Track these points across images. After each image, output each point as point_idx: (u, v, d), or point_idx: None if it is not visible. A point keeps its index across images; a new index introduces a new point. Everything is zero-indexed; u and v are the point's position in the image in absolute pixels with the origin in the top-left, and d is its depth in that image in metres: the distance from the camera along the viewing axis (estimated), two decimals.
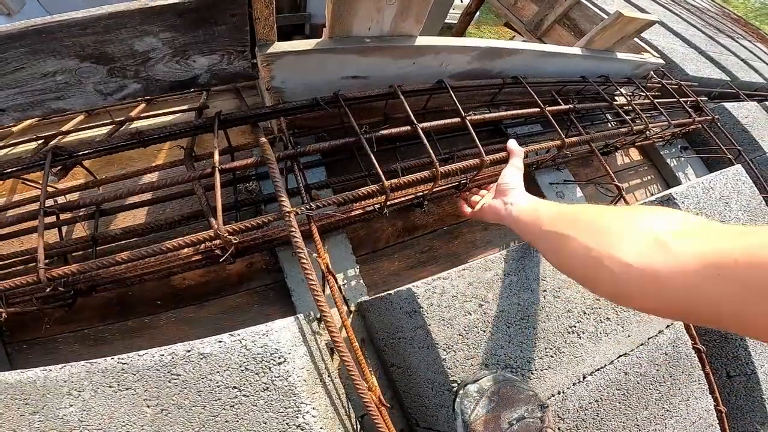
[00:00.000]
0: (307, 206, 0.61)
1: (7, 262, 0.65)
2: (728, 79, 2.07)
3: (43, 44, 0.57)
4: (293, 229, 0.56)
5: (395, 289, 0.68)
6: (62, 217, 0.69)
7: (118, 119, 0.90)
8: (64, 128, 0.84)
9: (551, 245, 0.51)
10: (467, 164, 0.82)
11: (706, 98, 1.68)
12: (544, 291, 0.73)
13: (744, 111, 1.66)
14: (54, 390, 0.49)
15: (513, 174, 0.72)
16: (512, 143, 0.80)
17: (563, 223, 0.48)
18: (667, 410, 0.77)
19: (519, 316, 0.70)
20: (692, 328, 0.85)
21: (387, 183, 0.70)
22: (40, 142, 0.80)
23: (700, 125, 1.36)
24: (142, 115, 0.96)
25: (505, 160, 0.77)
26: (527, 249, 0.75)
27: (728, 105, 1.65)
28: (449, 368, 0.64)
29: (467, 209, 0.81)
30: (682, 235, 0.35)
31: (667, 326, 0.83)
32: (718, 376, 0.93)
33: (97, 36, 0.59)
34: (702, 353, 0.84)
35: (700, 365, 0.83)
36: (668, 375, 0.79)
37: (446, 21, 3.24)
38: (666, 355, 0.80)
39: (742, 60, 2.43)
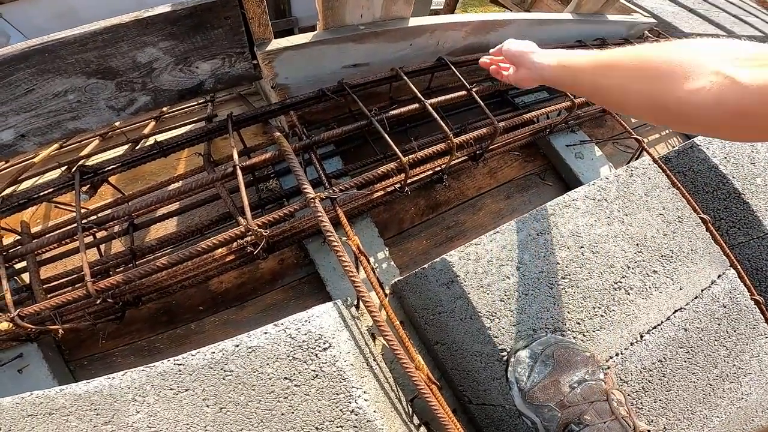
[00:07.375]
0: (330, 191, 0.61)
1: (54, 284, 0.67)
2: (725, 34, 2.12)
3: (48, 63, 0.58)
4: (320, 214, 0.56)
5: (429, 263, 0.67)
6: (99, 235, 0.71)
7: (132, 138, 0.93)
8: (83, 153, 0.87)
9: (604, 94, 0.47)
10: (480, 133, 0.82)
11: None
12: (581, 247, 0.70)
13: None
14: (120, 397, 0.50)
15: (515, 43, 0.64)
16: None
17: (608, 73, 0.45)
18: (739, 367, 0.71)
19: (560, 275, 0.67)
20: (746, 278, 0.78)
21: (405, 159, 0.69)
22: (63, 168, 0.82)
23: None
24: (154, 131, 0.98)
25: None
26: (556, 206, 0.72)
27: None
28: (495, 336, 0.63)
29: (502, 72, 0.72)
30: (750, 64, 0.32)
31: (719, 276, 0.76)
32: None
33: (98, 51, 0.60)
34: (762, 305, 0.76)
35: (763, 318, 0.76)
36: (732, 330, 0.73)
37: (432, 8, 3.21)
38: (724, 307, 0.74)
39: (734, 16, 2.46)
